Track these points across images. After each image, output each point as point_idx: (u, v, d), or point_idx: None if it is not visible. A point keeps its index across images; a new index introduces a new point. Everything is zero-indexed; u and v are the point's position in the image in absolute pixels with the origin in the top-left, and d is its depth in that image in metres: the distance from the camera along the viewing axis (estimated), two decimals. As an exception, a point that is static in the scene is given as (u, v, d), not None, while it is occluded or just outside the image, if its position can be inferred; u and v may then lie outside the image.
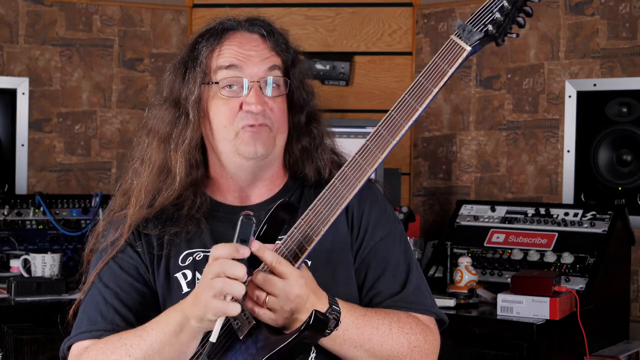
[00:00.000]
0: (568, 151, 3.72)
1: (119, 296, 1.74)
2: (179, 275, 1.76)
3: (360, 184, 1.55)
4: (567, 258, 3.26)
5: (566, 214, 3.41)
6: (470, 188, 3.99)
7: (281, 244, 1.61)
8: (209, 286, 1.50)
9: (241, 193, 1.81)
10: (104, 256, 1.78)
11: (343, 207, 1.56)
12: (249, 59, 1.74)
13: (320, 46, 4.14)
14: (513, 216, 3.52)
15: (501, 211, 3.56)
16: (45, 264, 3.26)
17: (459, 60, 1.50)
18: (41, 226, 3.61)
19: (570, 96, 3.72)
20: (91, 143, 4.07)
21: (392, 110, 1.54)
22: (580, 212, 3.39)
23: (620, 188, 3.57)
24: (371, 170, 1.55)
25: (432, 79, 1.51)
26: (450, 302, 3.07)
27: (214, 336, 1.50)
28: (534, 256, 3.33)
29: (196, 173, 1.79)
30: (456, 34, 1.51)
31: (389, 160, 3.81)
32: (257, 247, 1.55)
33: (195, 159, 1.78)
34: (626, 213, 3.38)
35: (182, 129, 1.77)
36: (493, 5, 1.49)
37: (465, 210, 3.64)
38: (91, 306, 1.75)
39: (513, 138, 3.88)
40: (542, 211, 3.47)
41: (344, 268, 1.77)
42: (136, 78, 4.14)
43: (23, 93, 3.92)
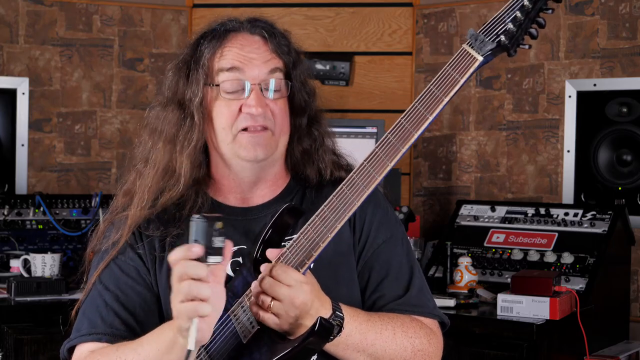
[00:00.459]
0: (568, 151, 3.72)
1: (119, 299, 1.73)
2: None
3: (368, 192, 1.55)
4: (567, 258, 3.26)
5: (566, 214, 3.41)
6: (470, 188, 3.98)
7: (287, 249, 1.61)
8: (176, 292, 1.47)
9: (243, 194, 1.80)
10: (105, 257, 1.77)
11: (350, 215, 1.56)
12: (251, 62, 1.74)
13: (320, 46, 4.14)
14: (513, 216, 3.52)
15: (501, 211, 3.56)
16: (45, 264, 3.26)
17: (471, 70, 1.49)
18: (41, 226, 3.60)
19: (570, 96, 3.72)
20: (91, 143, 4.07)
21: (402, 118, 1.54)
22: (580, 212, 3.39)
23: (620, 188, 3.57)
24: (380, 178, 1.54)
25: (444, 88, 1.51)
26: (450, 302, 3.07)
27: (191, 343, 1.45)
28: (534, 256, 3.33)
29: (198, 172, 1.78)
30: (468, 43, 1.50)
31: (389, 160, 3.80)
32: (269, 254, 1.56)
33: (198, 160, 1.78)
34: (626, 213, 3.38)
35: (188, 131, 1.76)
36: (506, 15, 1.47)
37: (465, 210, 3.64)
38: (91, 308, 1.74)
39: (513, 138, 3.88)
40: (542, 211, 3.47)
41: (347, 271, 1.77)
42: (136, 78, 4.14)
43: (23, 93, 3.92)
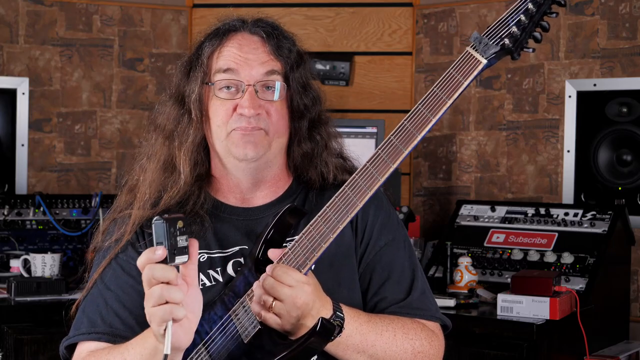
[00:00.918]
0: (568, 151, 3.72)
1: (120, 298, 1.73)
2: None
3: (370, 193, 1.55)
4: (567, 258, 3.26)
5: (566, 214, 3.41)
6: (470, 188, 3.98)
7: (289, 250, 1.61)
8: (148, 296, 1.45)
9: (242, 194, 1.80)
10: (107, 255, 1.77)
11: (352, 216, 1.56)
12: (247, 62, 1.74)
13: (320, 46, 4.14)
14: (513, 216, 3.52)
15: (501, 211, 3.56)
16: (45, 264, 3.26)
17: (475, 72, 1.49)
18: (41, 226, 3.60)
19: (570, 96, 3.72)
20: (91, 143, 4.07)
21: (405, 120, 1.53)
22: (580, 212, 3.39)
23: (620, 188, 3.57)
24: (382, 179, 1.54)
25: (447, 91, 1.50)
26: (450, 302, 3.07)
27: (167, 347, 1.43)
28: (534, 256, 3.32)
29: (201, 169, 1.79)
30: (472, 46, 1.49)
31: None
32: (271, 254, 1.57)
33: (200, 157, 1.79)
34: (626, 213, 3.38)
35: (186, 127, 1.78)
36: (510, 18, 1.47)
37: (465, 210, 3.63)
38: (91, 307, 1.74)
39: (513, 138, 3.88)
40: (542, 211, 3.47)
41: (348, 272, 1.77)
42: (136, 78, 4.14)
43: (23, 93, 3.92)
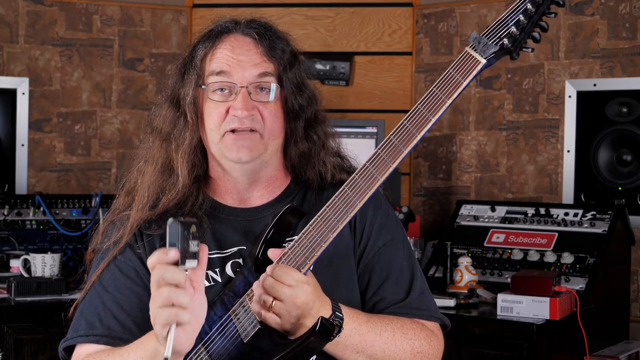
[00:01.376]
0: (568, 151, 3.72)
1: (118, 300, 1.73)
2: None
3: (370, 193, 1.55)
4: (567, 258, 3.26)
5: (566, 214, 3.41)
6: (470, 188, 3.98)
7: (289, 249, 1.61)
8: (155, 297, 1.43)
9: (240, 195, 1.81)
10: (106, 257, 1.77)
11: (352, 215, 1.56)
12: (239, 64, 1.74)
13: (320, 46, 4.14)
14: (513, 216, 3.52)
15: (501, 211, 3.56)
16: (45, 264, 3.26)
17: (474, 72, 1.49)
18: (41, 226, 3.60)
19: (570, 96, 3.72)
20: (91, 143, 4.07)
21: (405, 120, 1.53)
22: (580, 212, 3.39)
23: (620, 188, 3.57)
24: (382, 179, 1.54)
25: (446, 90, 1.51)
26: (450, 302, 3.07)
27: (168, 350, 1.41)
28: (534, 256, 3.32)
29: (199, 171, 1.79)
30: (471, 46, 1.50)
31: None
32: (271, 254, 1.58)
33: (197, 159, 1.79)
34: (626, 213, 3.38)
35: (182, 130, 1.78)
36: (509, 18, 1.48)
37: (465, 210, 3.63)
38: (90, 309, 1.74)
39: (513, 138, 3.88)
40: (542, 211, 3.47)
41: (346, 272, 1.77)
42: (136, 78, 4.14)
43: (23, 93, 3.92)
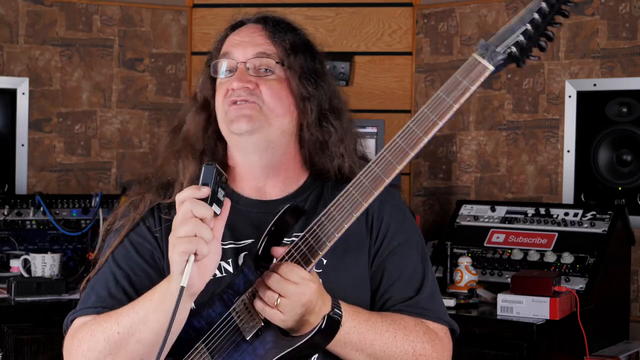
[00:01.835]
0: (568, 151, 3.72)
1: (130, 279, 1.74)
2: None
3: (375, 194, 1.55)
4: (567, 258, 3.26)
5: (566, 214, 3.41)
6: (470, 188, 3.98)
7: (292, 246, 1.61)
8: (179, 226, 1.50)
9: (256, 182, 1.81)
10: (120, 234, 1.78)
11: (357, 215, 1.56)
12: (241, 44, 1.80)
13: (320, 46, 4.13)
14: (513, 216, 3.52)
15: (501, 211, 3.56)
16: (45, 264, 3.26)
17: (481, 78, 1.51)
18: (41, 226, 3.61)
19: (570, 96, 3.72)
20: (91, 143, 4.07)
21: (411, 122, 1.54)
22: (580, 212, 3.39)
23: (620, 188, 3.57)
24: (388, 180, 1.55)
25: (454, 95, 1.51)
26: (450, 302, 3.07)
27: (185, 280, 1.48)
28: (534, 256, 3.33)
29: (219, 158, 1.82)
30: (479, 53, 1.51)
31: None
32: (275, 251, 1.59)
33: (217, 148, 1.83)
34: (626, 213, 3.38)
35: (205, 124, 1.83)
36: (516, 27, 1.49)
37: (465, 210, 3.64)
38: (101, 284, 1.74)
39: (513, 138, 3.88)
40: (542, 211, 3.47)
41: (358, 269, 1.77)
42: (136, 78, 4.14)
43: (23, 93, 3.92)
